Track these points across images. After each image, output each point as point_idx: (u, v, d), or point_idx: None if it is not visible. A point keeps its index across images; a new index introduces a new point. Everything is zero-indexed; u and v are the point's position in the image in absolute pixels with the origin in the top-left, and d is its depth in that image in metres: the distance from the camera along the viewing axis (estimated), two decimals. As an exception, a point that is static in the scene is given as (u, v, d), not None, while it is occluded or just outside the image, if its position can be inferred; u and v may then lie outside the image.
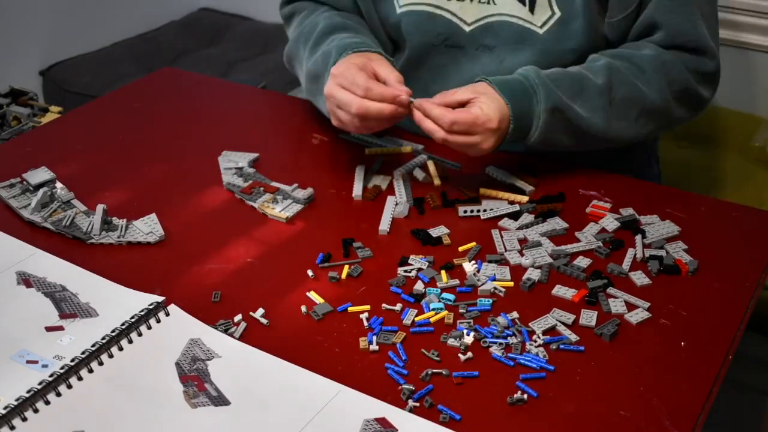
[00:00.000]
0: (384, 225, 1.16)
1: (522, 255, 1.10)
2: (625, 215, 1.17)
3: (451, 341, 0.96)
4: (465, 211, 1.18)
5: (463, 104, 1.15)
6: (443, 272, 1.06)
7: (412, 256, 1.10)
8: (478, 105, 1.14)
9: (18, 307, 1.01)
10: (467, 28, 1.31)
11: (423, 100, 1.15)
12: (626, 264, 1.08)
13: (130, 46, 2.68)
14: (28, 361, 0.92)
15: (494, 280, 1.05)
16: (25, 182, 1.23)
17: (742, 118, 1.88)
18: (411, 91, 1.14)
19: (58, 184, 1.22)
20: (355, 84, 1.13)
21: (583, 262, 1.08)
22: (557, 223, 1.15)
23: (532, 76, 1.18)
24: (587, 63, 1.25)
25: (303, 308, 1.01)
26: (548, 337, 0.96)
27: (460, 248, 1.12)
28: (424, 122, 1.14)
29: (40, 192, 1.18)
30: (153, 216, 1.17)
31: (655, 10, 1.24)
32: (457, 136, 1.13)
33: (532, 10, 1.26)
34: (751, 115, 1.89)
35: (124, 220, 1.15)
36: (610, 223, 1.15)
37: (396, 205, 1.19)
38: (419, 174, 1.27)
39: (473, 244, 1.12)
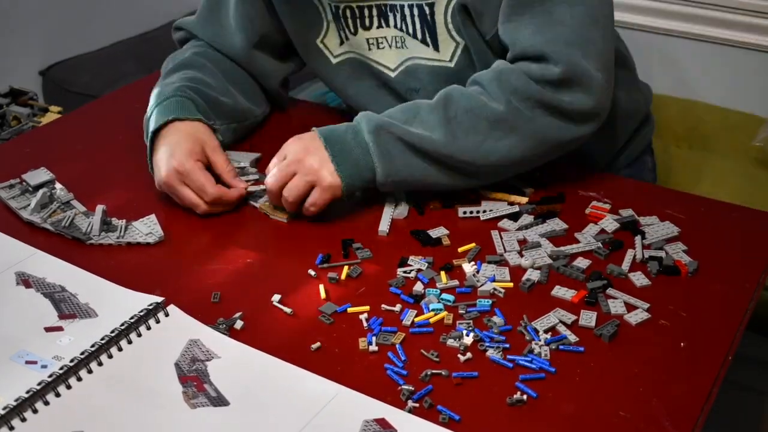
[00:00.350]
0: (383, 226, 1.16)
1: (522, 256, 1.10)
2: (624, 216, 1.17)
3: (450, 342, 0.96)
4: (464, 212, 1.18)
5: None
6: (443, 273, 1.06)
7: (411, 257, 1.09)
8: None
9: (17, 307, 1.01)
10: (392, 74, 1.31)
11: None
12: (626, 265, 1.08)
13: (130, 46, 2.67)
14: (27, 362, 0.92)
15: (494, 281, 1.05)
16: (24, 183, 1.23)
17: (742, 118, 1.88)
18: (246, 185, 1.20)
19: (58, 185, 1.22)
20: (202, 191, 1.17)
21: (582, 263, 1.08)
22: (557, 224, 1.15)
23: (356, 118, 1.17)
24: None
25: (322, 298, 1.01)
26: (549, 336, 0.96)
27: (460, 249, 1.11)
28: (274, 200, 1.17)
29: (40, 192, 1.18)
30: (152, 217, 1.16)
31: (500, 27, 1.19)
32: (287, 186, 1.14)
33: (436, 48, 1.25)
34: (751, 115, 1.89)
35: (124, 220, 1.15)
36: (610, 224, 1.15)
37: (395, 207, 1.19)
38: (419, 174, 1.27)
39: (473, 245, 1.12)
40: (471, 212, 1.18)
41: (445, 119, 1.14)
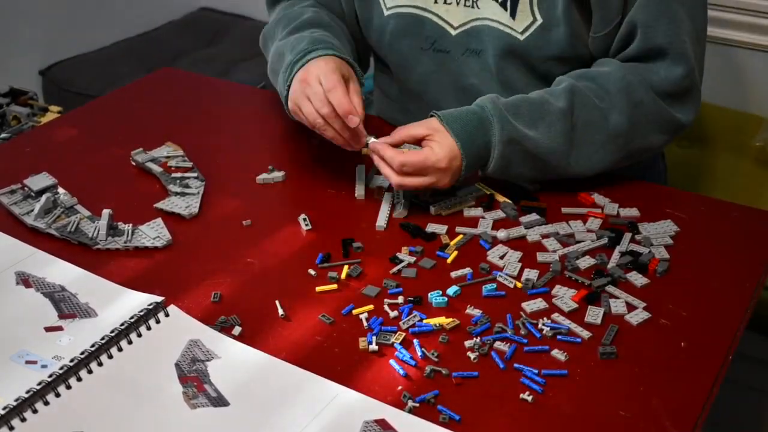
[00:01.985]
0: (381, 221, 1.16)
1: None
2: (624, 215, 1.17)
3: (451, 341, 0.96)
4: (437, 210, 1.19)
5: (419, 140, 1.15)
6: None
7: (403, 248, 1.10)
8: (429, 145, 1.14)
9: (17, 307, 1.01)
10: (453, 32, 1.29)
11: (378, 141, 1.16)
12: (614, 259, 1.08)
13: (130, 46, 2.68)
14: (27, 362, 0.93)
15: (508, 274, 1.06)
16: (26, 188, 1.22)
17: (742, 118, 1.88)
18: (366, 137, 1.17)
19: (61, 190, 1.21)
20: (341, 101, 1.14)
21: (583, 262, 1.08)
22: (560, 226, 1.15)
23: (489, 107, 1.16)
24: (552, 86, 1.22)
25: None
26: (549, 336, 0.96)
27: (452, 242, 1.12)
28: (381, 167, 1.15)
29: (44, 198, 1.16)
30: (159, 220, 1.16)
31: (636, 12, 1.19)
32: (410, 177, 1.13)
33: (513, 15, 1.24)
34: (751, 115, 1.89)
35: (130, 225, 1.14)
36: (609, 223, 1.15)
37: (395, 204, 1.19)
38: (419, 174, 1.27)
39: (460, 236, 1.13)
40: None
41: (568, 129, 1.17)
